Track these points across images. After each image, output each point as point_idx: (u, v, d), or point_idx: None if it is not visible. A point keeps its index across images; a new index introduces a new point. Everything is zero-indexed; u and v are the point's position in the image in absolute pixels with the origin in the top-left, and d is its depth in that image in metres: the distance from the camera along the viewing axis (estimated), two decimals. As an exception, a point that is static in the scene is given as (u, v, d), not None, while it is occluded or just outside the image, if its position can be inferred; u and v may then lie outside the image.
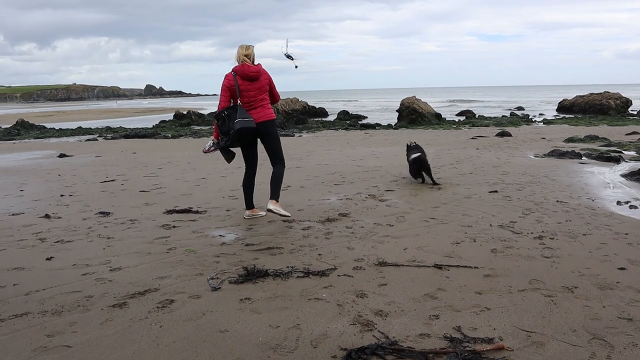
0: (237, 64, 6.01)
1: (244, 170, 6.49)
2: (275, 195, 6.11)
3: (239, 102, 5.98)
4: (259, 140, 6.29)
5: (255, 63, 6.07)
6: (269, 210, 6.02)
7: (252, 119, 5.94)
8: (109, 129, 28.88)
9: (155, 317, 3.49)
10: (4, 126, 31.23)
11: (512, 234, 5.47)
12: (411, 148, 9.10)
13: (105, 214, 6.76)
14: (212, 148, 6.39)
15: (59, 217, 6.65)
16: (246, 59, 5.99)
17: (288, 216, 6.09)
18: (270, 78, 6.16)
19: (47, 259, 4.89)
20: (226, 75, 6.05)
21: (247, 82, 5.97)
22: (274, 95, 6.30)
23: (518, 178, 9.06)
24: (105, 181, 9.64)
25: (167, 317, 3.48)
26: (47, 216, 6.69)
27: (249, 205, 6.47)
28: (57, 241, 5.51)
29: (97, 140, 21.88)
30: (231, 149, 6.29)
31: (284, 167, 6.39)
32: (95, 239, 5.55)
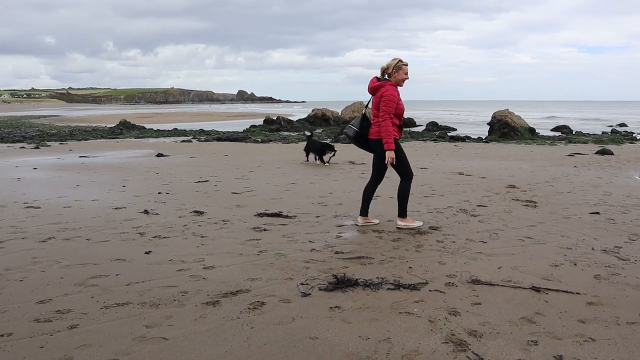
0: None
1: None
2: (363, 211, 6.39)
3: (364, 110, 6.27)
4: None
5: (386, 78, 5.97)
6: (398, 227, 6.24)
7: (354, 128, 6.15)
8: (202, 131, 30.15)
9: (246, 318, 3.55)
10: (109, 125, 33.48)
11: (618, 260, 5.09)
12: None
13: (199, 213, 7.02)
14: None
15: (157, 214, 6.98)
16: (386, 71, 5.97)
17: (416, 225, 6.24)
18: (386, 96, 5.81)
19: (146, 252, 5.13)
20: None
21: (371, 95, 6.10)
22: (380, 115, 5.86)
23: (622, 200, 8.46)
24: (199, 181, 10.03)
25: (259, 319, 3.53)
26: (146, 212, 7.05)
27: (364, 212, 6.43)
28: (155, 236, 5.78)
29: (191, 141, 22.88)
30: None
31: (376, 186, 6.41)
32: (190, 237, 5.77)
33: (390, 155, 5.85)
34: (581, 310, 3.78)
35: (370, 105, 6.17)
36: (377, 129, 5.92)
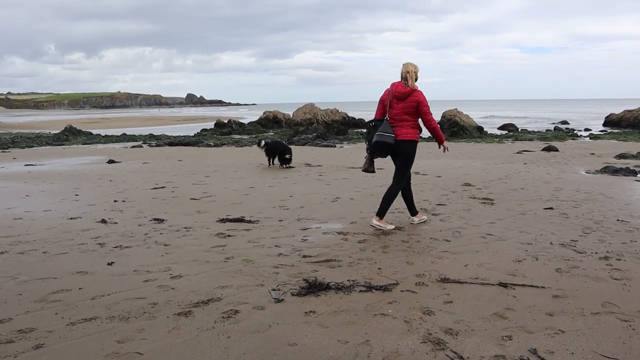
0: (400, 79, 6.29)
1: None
2: (380, 212, 6.37)
3: (387, 116, 6.28)
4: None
5: (415, 86, 6.18)
6: (372, 225, 6.36)
7: (392, 135, 6.17)
8: (152, 136, 29.50)
9: (222, 328, 3.48)
10: (53, 131, 32.30)
11: (575, 253, 5.29)
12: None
13: (159, 220, 6.85)
14: (366, 155, 6.62)
15: (115, 223, 6.77)
16: (410, 77, 6.16)
17: (388, 228, 6.30)
18: (421, 100, 6.15)
19: (109, 263, 4.97)
20: (386, 89, 6.37)
21: (396, 100, 6.22)
22: (423, 118, 6.28)
23: (572, 195, 8.80)
24: (155, 188, 9.80)
25: (234, 328, 3.47)
26: (103, 221, 6.83)
27: (413, 212, 6.66)
28: (116, 246, 5.60)
29: (142, 147, 22.35)
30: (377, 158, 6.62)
31: (400, 187, 6.46)
32: (152, 246, 5.62)
33: (446, 144, 6.62)
34: (548, 304, 3.91)
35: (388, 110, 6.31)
36: (405, 130, 6.21)
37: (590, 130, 33.42)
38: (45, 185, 10.35)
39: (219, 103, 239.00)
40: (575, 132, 30.95)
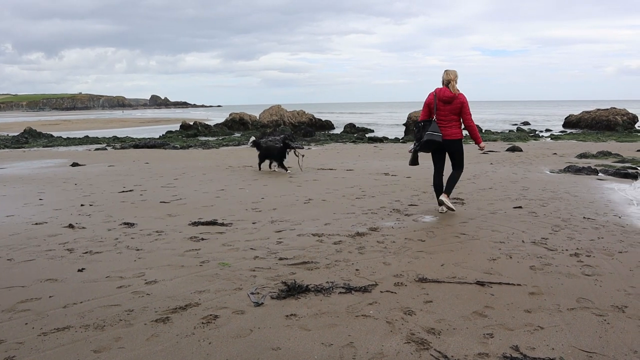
0: (441, 85, 7.17)
1: (433, 172, 7.50)
2: (448, 190, 7.30)
3: (434, 117, 7.13)
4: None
5: (456, 89, 7.07)
6: (440, 201, 7.24)
7: (440, 134, 7.06)
8: (116, 138, 28.94)
9: (202, 333, 3.41)
10: (12, 134, 31.32)
11: (547, 250, 5.39)
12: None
13: (129, 224, 6.70)
14: (411, 150, 7.60)
15: (83, 227, 6.58)
16: (451, 83, 7.06)
17: (453, 210, 7.26)
18: (465, 102, 7.09)
19: (79, 270, 4.82)
20: (430, 93, 7.23)
21: (442, 103, 7.08)
22: (465, 117, 7.19)
23: (539, 194, 8.99)
24: (123, 191, 9.58)
25: (215, 334, 3.40)
26: (71, 226, 6.63)
27: (440, 193, 7.37)
28: (86, 252, 5.44)
29: (106, 149, 21.88)
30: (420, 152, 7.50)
31: (461, 172, 7.46)
32: (124, 251, 5.48)
33: (483, 145, 7.58)
34: (525, 301, 3.96)
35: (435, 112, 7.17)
36: (455, 131, 7.18)
37: (551, 130, 34.32)
38: (7, 190, 10.01)
39: (184, 105, 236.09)
40: (537, 132, 31.74)
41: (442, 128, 7.08)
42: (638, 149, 18.59)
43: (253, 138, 13.80)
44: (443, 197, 7.18)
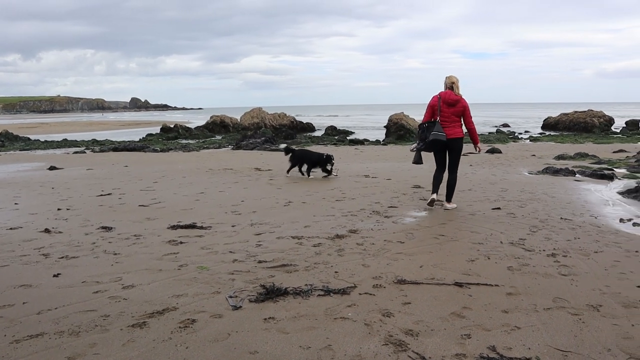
0: (444, 88, 7.76)
1: (435, 168, 8.08)
2: (449, 198, 7.93)
3: (438, 118, 7.65)
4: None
5: (459, 93, 7.68)
6: (432, 200, 7.84)
7: (444, 134, 7.57)
8: (95, 141, 28.60)
9: (179, 338, 3.37)
10: (-13, 138, 30.73)
11: (525, 251, 5.45)
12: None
13: (107, 228, 6.61)
14: (414, 149, 8.06)
15: (60, 232, 6.48)
16: (453, 86, 7.66)
17: (454, 207, 7.89)
18: (466, 106, 7.69)
19: (55, 275, 4.74)
20: (433, 96, 7.79)
21: (446, 105, 7.63)
22: (466, 120, 7.78)
23: (518, 195, 9.09)
24: (101, 195, 9.46)
25: (192, 338, 3.37)
26: (47, 230, 6.52)
27: (435, 190, 7.93)
28: (62, 257, 5.35)
29: (85, 152, 21.62)
30: (424, 152, 8.04)
31: (456, 175, 7.99)
32: (101, 255, 5.41)
33: (480, 146, 8.34)
34: (503, 301, 4.00)
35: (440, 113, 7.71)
36: (458, 130, 7.71)
37: (530, 132, 34.77)
38: (-19, 195, 9.81)
39: (165, 107, 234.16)
40: (516, 134, 32.12)
41: (445, 128, 7.62)
42: (614, 151, 18.93)
43: (284, 145, 13.50)
44: (447, 204, 7.87)
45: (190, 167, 14.67)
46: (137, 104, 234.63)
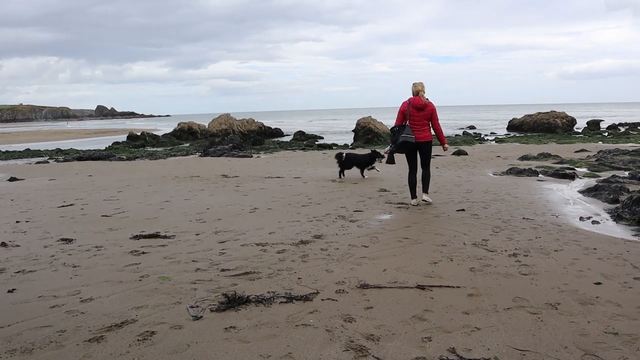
0: (412, 95, 8.33)
1: (408, 171, 8.53)
2: (426, 189, 8.50)
3: (407, 122, 8.25)
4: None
5: (425, 98, 8.25)
6: (424, 200, 8.44)
7: (413, 136, 8.17)
8: (59, 150, 27.98)
9: (137, 351, 3.30)
10: (-55, 149, 29.78)
11: (487, 252, 5.52)
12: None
13: (67, 240, 6.45)
14: (387, 152, 8.87)
15: (17, 245, 6.30)
16: (420, 93, 8.25)
17: (431, 202, 8.46)
18: (434, 110, 8.33)
19: (9, 291, 4.59)
20: (403, 102, 8.34)
21: (416, 110, 8.23)
22: (434, 122, 8.35)
23: (482, 196, 9.22)
24: (63, 206, 9.25)
25: (150, 351, 3.30)
26: (3, 244, 6.33)
27: (414, 196, 8.52)
28: (18, 271, 5.19)
29: (48, 162, 21.13)
30: (396, 154, 8.71)
31: (429, 169, 8.50)
32: (60, 268, 5.27)
33: (447, 146, 8.83)
34: (464, 303, 4.03)
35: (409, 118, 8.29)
36: (427, 134, 8.28)
37: (496, 134, 35.39)
38: (-64, 208, 9.48)
39: (132, 115, 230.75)
40: (482, 136, 32.64)
41: (415, 132, 8.21)
42: (576, 150, 19.41)
43: (339, 151, 13.80)
44: (425, 197, 8.44)
45: (156, 175, 14.46)
46: (103, 112, 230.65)
